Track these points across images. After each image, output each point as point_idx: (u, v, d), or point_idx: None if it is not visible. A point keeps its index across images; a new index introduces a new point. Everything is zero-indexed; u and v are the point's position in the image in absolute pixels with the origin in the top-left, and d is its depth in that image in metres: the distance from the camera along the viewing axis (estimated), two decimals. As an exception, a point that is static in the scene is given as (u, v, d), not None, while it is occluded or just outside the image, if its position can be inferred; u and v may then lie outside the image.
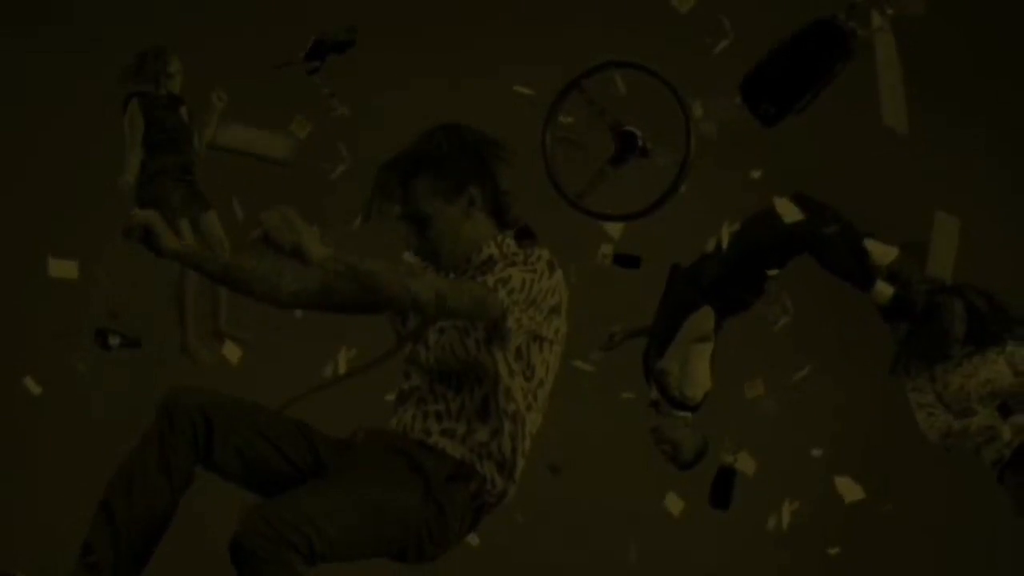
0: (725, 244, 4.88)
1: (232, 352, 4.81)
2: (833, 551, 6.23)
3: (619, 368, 5.62)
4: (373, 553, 2.74)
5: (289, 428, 2.81)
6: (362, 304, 2.96)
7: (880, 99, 4.35)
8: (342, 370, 5.01)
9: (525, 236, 2.88)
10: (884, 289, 4.91)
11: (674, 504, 5.37)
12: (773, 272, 5.11)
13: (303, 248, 2.55)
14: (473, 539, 5.32)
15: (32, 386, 5.77)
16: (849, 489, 4.70)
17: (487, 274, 2.78)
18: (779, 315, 5.69)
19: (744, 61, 4.64)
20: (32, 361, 6.22)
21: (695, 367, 4.95)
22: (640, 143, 4.60)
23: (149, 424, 2.73)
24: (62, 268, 4.36)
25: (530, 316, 2.76)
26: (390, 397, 2.97)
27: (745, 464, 5.06)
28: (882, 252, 5.15)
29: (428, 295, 2.64)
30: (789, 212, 4.56)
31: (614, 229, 4.80)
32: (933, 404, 5.02)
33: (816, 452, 6.03)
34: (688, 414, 5.15)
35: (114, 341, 5.98)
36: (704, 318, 4.95)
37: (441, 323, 2.83)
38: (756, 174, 5.37)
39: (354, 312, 3.02)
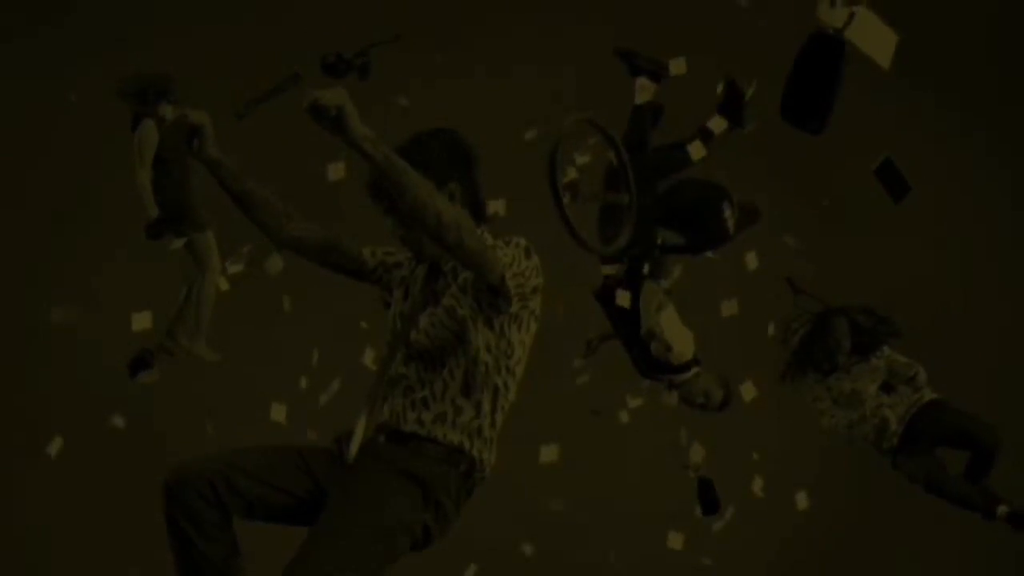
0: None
1: (279, 412, 4.89)
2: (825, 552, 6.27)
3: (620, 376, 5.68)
4: (388, 566, 2.82)
5: (285, 462, 2.91)
6: (354, 269, 3.07)
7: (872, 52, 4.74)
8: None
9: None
10: (697, 147, 5.14)
11: (675, 540, 5.47)
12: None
13: (346, 117, 2.55)
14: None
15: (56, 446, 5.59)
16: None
17: None
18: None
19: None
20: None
21: (671, 331, 5.28)
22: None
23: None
24: (63, 313, 4.30)
25: (519, 283, 2.85)
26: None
27: (697, 455, 5.28)
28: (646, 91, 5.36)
29: (451, 217, 2.69)
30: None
31: None
32: (831, 409, 5.75)
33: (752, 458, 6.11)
34: (695, 369, 5.48)
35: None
36: (650, 292, 5.26)
37: (431, 308, 2.92)
38: None
39: (345, 274, 3.10)
